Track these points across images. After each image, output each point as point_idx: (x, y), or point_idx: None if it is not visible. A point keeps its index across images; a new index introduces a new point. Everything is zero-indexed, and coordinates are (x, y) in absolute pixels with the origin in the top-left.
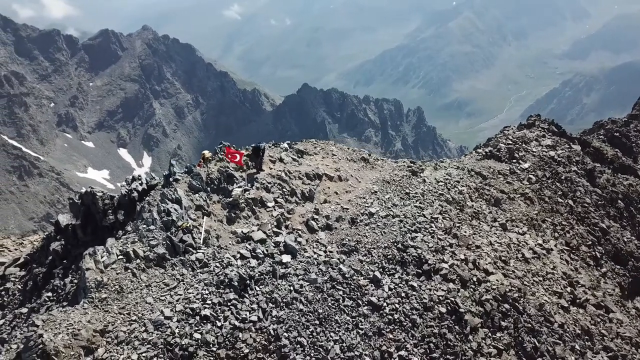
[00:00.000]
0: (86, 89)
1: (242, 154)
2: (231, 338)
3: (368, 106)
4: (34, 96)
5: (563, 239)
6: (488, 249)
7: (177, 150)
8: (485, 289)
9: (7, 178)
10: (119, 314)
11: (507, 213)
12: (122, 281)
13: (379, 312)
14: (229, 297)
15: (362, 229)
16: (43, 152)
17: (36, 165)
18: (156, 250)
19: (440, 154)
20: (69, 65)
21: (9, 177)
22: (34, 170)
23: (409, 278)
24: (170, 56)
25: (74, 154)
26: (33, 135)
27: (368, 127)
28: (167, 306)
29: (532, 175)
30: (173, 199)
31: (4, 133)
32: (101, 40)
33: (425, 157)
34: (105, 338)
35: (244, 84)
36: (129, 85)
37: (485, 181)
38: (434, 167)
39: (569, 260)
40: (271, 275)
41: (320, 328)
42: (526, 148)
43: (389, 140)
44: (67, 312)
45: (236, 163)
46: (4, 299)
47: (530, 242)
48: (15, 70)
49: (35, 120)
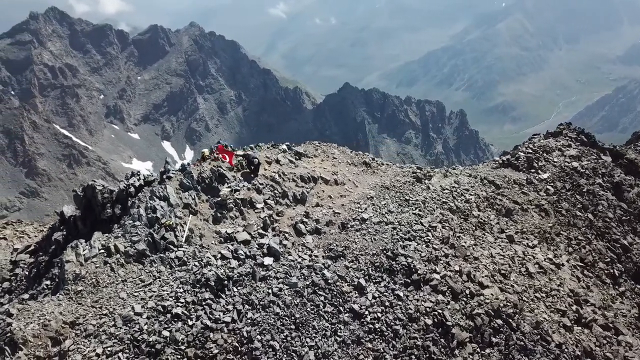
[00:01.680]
0: (134, 82)
1: (232, 154)
2: (201, 338)
3: (409, 107)
4: (85, 88)
5: (577, 255)
6: (487, 261)
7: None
8: (478, 302)
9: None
10: (92, 307)
11: (517, 224)
12: (100, 275)
13: (360, 320)
14: (204, 296)
15: (352, 234)
16: (91, 142)
17: (85, 155)
18: (137, 246)
19: (482, 159)
20: (119, 59)
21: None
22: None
23: (396, 287)
24: (216, 52)
25: (120, 145)
26: (83, 125)
27: (408, 128)
28: (139, 302)
29: (551, 187)
30: (161, 196)
31: (57, 122)
32: (150, 35)
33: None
34: (75, 330)
35: (286, 82)
36: (175, 79)
37: (498, 190)
38: (444, 174)
39: (580, 277)
40: (250, 277)
41: (296, 333)
42: (547, 158)
43: (429, 142)
44: (42, 303)
45: (228, 163)
46: (12, 284)
47: (539, 256)
48: (69, 62)
49: (86, 111)
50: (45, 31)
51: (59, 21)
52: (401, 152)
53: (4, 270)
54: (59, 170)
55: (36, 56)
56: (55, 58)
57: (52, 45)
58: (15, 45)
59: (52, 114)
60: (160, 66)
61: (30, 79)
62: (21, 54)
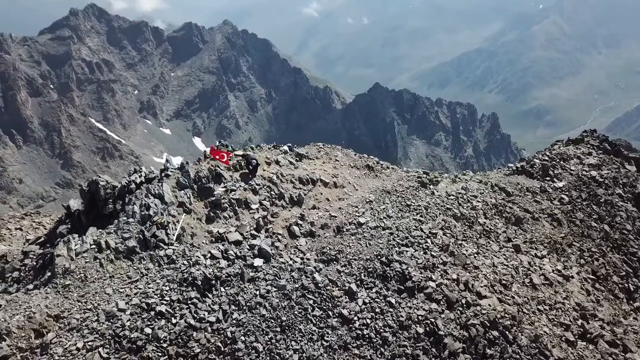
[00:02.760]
0: (167, 78)
1: (229, 154)
2: (184, 336)
3: (440, 109)
4: (121, 83)
5: (589, 267)
6: (488, 271)
7: (248, 143)
8: (474, 312)
9: (91, 158)
10: (77, 302)
11: (527, 234)
12: (88, 270)
13: (349, 325)
14: (190, 295)
15: (347, 238)
16: (125, 136)
17: (118, 148)
18: (127, 243)
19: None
20: (153, 56)
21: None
22: (116, 153)
23: (388, 294)
24: (248, 50)
25: (152, 140)
26: (117, 119)
27: (439, 130)
28: (124, 299)
29: (565, 195)
30: (156, 194)
31: (92, 116)
32: (184, 33)
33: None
34: (59, 323)
35: (317, 81)
36: (207, 77)
37: (509, 198)
38: (452, 180)
39: (590, 290)
40: (239, 278)
41: (281, 336)
42: (564, 165)
43: (459, 145)
44: (30, 295)
45: (224, 163)
46: (21, 274)
47: (547, 267)
48: (106, 58)
49: (120, 105)
50: (84, 27)
51: (97, 18)
52: (430, 154)
53: (15, 259)
54: (93, 162)
55: (75, 51)
56: (92, 53)
57: (90, 41)
58: (55, 40)
59: (88, 108)
60: (193, 63)
61: (68, 74)
62: (61, 49)
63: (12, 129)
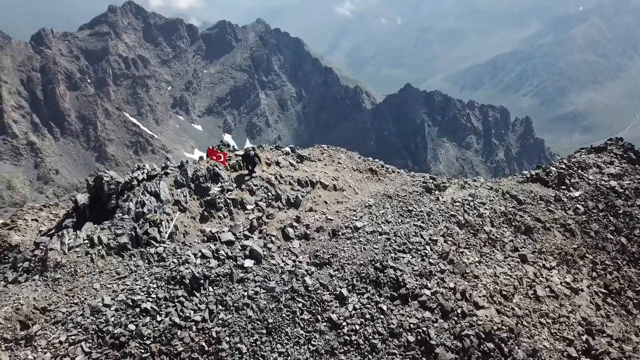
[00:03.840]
0: (200, 75)
1: (225, 154)
2: (168, 334)
3: (472, 112)
4: (155, 79)
5: (602, 280)
6: (488, 280)
7: (277, 141)
8: (470, 323)
9: (124, 152)
10: (65, 295)
11: (536, 244)
12: (79, 264)
13: (337, 330)
14: (177, 293)
15: (341, 242)
16: (157, 131)
17: (150, 143)
18: (119, 239)
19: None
20: (187, 53)
21: (126, 151)
22: (148, 147)
23: (380, 300)
24: (280, 49)
25: (184, 135)
26: (150, 114)
27: (470, 133)
28: (110, 294)
29: (581, 205)
30: (152, 192)
31: (127, 111)
32: (218, 30)
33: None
34: (45, 316)
35: (347, 81)
36: (239, 74)
37: (520, 206)
38: (461, 186)
39: (601, 304)
40: (228, 278)
41: (267, 338)
42: (581, 174)
43: (490, 149)
44: (21, 287)
45: (221, 163)
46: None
47: (555, 278)
48: (142, 54)
49: (154, 101)
50: (122, 24)
51: (134, 14)
52: (460, 157)
53: (27, 250)
54: (126, 156)
55: (112, 47)
56: (129, 49)
57: (127, 37)
58: (94, 36)
59: (123, 103)
60: (225, 61)
61: (105, 69)
62: (99, 44)
63: (50, 122)
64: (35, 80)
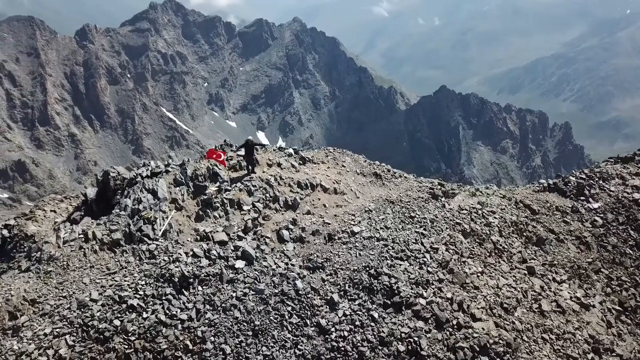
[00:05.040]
0: (236, 72)
1: (225, 153)
2: (153, 331)
3: (509, 115)
4: (192, 75)
5: (616, 297)
6: (489, 292)
7: (309, 140)
8: (465, 335)
9: (160, 146)
10: (55, 289)
11: (548, 256)
12: (72, 259)
13: (325, 336)
14: (165, 291)
15: (337, 247)
16: (192, 127)
17: (185, 138)
18: (113, 235)
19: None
20: (224, 50)
21: (162, 145)
22: (183, 142)
23: (372, 307)
24: (315, 48)
25: (218, 131)
26: (186, 110)
27: (506, 137)
28: (98, 289)
29: (600, 218)
30: (149, 189)
31: (163, 106)
32: (255, 29)
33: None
34: (34, 308)
35: (382, 81)
36: (274, 72)
37: (534, 216)
38: (472, 193)
39: (613, 322)
40: (218, 278)
41: (253, 340)
42: (602, 185)
43: (527, 154)
44: (14, 278)
45: (220, 162)
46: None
47: (564, 293)
48: (180, 51)
49: (190, 97)
50: (162, 20)
51: (174, 11)
52: (495, 162)
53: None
54: (162, 150)
55: (152, 43)
56: (168, 46)
57: (167, 34)
58: (135, 32)
59: (160, 98)
60: (261, 59)
61: (144, 64)
62: (139, 40)
63: (91, 114)
64: (78, 74)
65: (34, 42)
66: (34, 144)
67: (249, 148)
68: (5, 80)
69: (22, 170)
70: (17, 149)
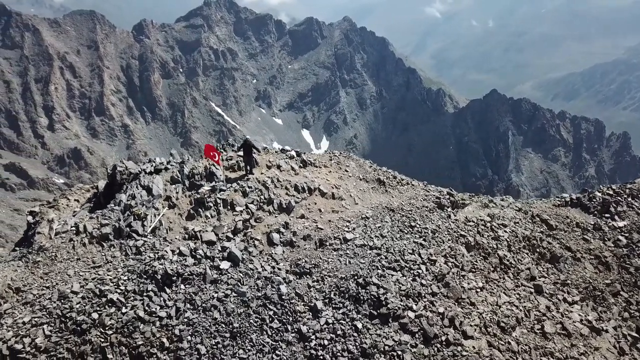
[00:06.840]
0: (284, 70)
1: (220, 154)
2: (130, 327)
3: (562, 123)
4: (241, 72)
5: (635, 323)
6: (486, 309)
7: (353, 139)
8: (453, 352)
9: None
10: (40, 278)
11: (561, 274)
12: (61, 250)
13: (304, 343)
14: (147, 288)
15: (327, 253)
16: (240, 122)
17: (232, 133)
18: (103, 229)
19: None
20: (274, 48)
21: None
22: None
23: (356, 317)
24: (364, 48)
25: (264, 128)
26: (234, 106)
27: (558, 145)
28: (81, 282)
29: (624, 237)
30: (145, 186)
31: (213, 101)
32: (305, 27)
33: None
34: (18, 296)
35: (430, 83)
36: (322, 71)
37: (549, 232)
38: (484, 205)
39: (627, 350)
40: (201, 278)
41: (230, 342)
42: (631, 203)
43: (580, 163)
44: (4, 266)
45: (215, 162)
46: None
47: (574, 315)
48: (231, 47)
49: (239, 93)
50: (215, 17)
51: (227, 9)
52: (545, 170)
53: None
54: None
55: (204, 39)
56: (219, 42)
57: (219, 30)
58: (189, 28)
59: (210, 93)
60: (310, 57)
61: (196, 59)
62: (193, 36)
63: (143, 107)
64: (134, 67)
65: (94, 35)
66: (90, 133)
67: (247, 148)
68: (67, 72)
69: (77, 157)
70: (74, 137)
